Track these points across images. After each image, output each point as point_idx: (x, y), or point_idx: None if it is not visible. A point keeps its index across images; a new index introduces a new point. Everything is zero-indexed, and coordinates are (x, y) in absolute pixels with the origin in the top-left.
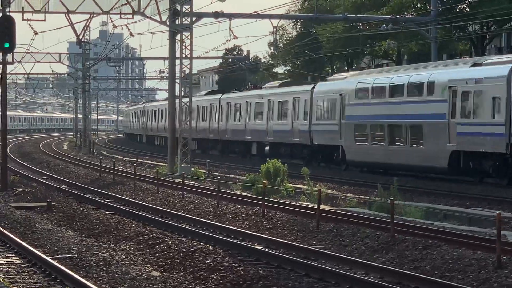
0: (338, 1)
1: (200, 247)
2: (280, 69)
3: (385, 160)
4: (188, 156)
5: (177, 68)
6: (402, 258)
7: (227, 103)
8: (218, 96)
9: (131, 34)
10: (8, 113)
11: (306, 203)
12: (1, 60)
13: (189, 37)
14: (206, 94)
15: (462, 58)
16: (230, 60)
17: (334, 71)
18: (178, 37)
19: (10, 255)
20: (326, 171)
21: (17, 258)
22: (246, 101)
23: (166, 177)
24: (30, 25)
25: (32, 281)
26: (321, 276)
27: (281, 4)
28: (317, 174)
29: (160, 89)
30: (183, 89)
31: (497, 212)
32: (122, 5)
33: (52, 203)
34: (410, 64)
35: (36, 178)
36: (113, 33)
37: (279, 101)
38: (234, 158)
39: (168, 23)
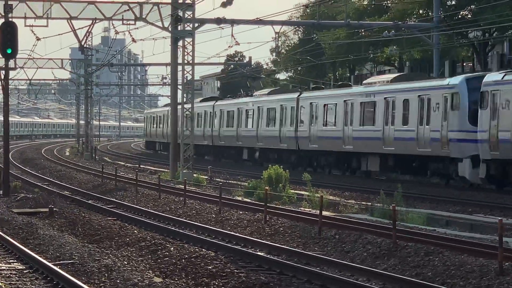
0: (340, 8)
1: (202, 253)
2: (282, 75)
3: None
4: (190, 162)
5: (179, 74)
6: (404, 265)
7: (311, 103)
8: (293, 95)
9: (133, 40)
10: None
11: (308, 209)
12: (4, 66)
13: (191, 43)
14: (270, 94)
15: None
16: (232, 66)
17: (336, 77)
18: (180, 43)
19: (12, 260)
20: (328, 177)
21: (19, 264)
22: (360, 102)
23: (168, 183)
24: (32, 31)
25: (33, 287)
26: (323, 282)
27: (283, 10)
28: (319, 181)
29: (162, 95)
30: (185, 95)
31: (499, 218)
32: (125, 11)
33: (54, 209)
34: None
35: (38, 184)
36: (115, 39)
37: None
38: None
39: (170, 29)
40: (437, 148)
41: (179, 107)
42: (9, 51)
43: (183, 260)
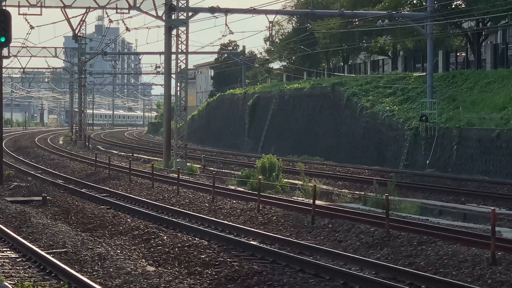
0: None
1: (195, 242)
2: (275, 65)
3: None
4: (184, 151)
5: (173, 63)
6: (397, 254)
7: None
8: None
9: (127, 29)
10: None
11: (301, 198)
12: None
13: (185, 32)
14: None
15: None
16: (226, 55)
17: (330, 67)
18: (174, 32)
19: (5, 249)
20: (321, 167)
21: (12, 252)
22: None
23: (162, 172)
24: (26, 19)
25: (26, 275)
26: (316, 271)
27: None
28: (312, 170)
29: (156, 84)
30: (179, 84)
31: (492, 208)
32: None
33: (47, 197)
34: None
35: (31, 172)
36: (109, 27)
37: None
38: (229, 152)
39: (164, 18)
40: None
41: None
42: (2, 39)
43: (176, 249)
